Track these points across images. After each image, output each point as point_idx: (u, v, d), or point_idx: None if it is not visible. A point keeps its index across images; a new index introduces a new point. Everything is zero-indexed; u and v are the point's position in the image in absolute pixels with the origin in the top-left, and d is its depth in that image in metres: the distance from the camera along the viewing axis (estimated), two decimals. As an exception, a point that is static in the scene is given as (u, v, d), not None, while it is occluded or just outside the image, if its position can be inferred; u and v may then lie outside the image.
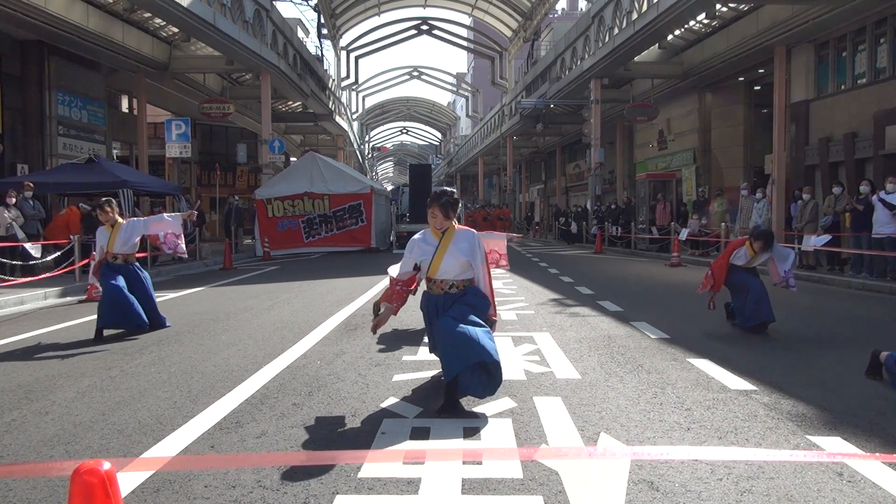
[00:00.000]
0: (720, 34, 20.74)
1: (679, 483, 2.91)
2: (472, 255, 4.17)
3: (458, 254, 4.14)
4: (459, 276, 4.19)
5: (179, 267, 15.11)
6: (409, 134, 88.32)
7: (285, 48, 26.76)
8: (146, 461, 3.20)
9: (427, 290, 4.36)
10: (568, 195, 41.07)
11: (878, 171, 14.69)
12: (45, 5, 15.07)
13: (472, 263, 4.19)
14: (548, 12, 39.32)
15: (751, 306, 6.60)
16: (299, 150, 43.60)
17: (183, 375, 5.04)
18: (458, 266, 4.17)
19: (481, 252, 4.25)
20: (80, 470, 1.62)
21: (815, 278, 12.03)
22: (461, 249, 4.14)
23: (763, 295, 6.61)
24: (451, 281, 4.20)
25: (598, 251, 20.94)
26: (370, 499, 2.79)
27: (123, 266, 7.08)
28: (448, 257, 4.15)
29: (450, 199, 4.17)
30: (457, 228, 4.22)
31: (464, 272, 4.19)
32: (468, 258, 4.15)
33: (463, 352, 3.79)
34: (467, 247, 4.16)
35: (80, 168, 14.84)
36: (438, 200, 4.14)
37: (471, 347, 3.79)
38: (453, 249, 4.14)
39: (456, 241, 4.15)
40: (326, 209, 20.83)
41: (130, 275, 7.07)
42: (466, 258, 4.15)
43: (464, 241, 4.17)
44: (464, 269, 4.19)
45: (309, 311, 8.40)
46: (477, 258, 4.21)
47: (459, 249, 4.14)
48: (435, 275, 4.21)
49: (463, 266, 4.17)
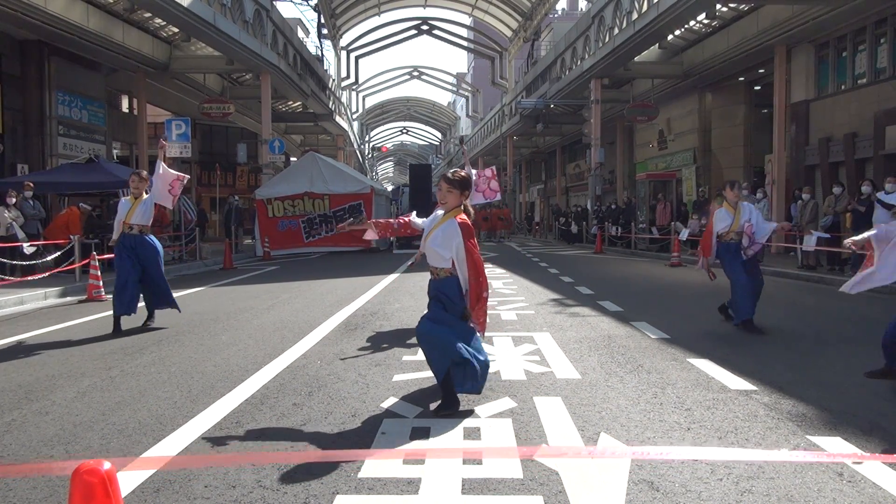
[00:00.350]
0: (720, 34, 20.74)
1: (679, 483, 2.91)
2: (444, 247, 3.98)
3: (439, 239, 4.00)
4: (438, 263, 4.06)
5: (179, 267, 15.12)
6: (409, 134, 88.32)
7: (285, 48, 26.77)
8: (146, 461, 3.20)
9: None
10: (568, 195, 41.07)
11: (879, 171, 14.69)
12: (45, 5, 15.08)
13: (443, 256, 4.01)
14: (548, 12, 39.32)
15: (735, 302, 6.74)
16: (299, 150, 43.61)
17: (183, 375, 5.04)
18: (435, 254, 4.04)
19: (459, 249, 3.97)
20: (80, 470, 1.62)
21: (815, 278, 12.03)
22: (438, 239, 4.00)
23: (746, 292, 6.64)
24: (435, 267, 4.09)
25: (598, 251, 20.93)
26: (370, 499, 2.79)
27: (139, 237, 7.28)
28: (431, 239, 4.04)
29: (452, 176, 4.05)
30: (454, 218, 4.01)
31: (442, 261, 4.04)
32: (439, 249, 4.00)
33: (437, 353, 3.89)
34: (440, 236, 4.00)
35: (80, 168, 14.84)
36: (444, 175, 4.11)
37: (444, 347, 3.86)
38: (437, 234, 4.02)
39: (443, 228, 4.01)
40: (327, 209, 20.82)
41: (144, 249, 7.28)
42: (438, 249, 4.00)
43: (447, 231, 3.99)
44: (442, 259, 4.04)
45: (309, 311, 8.40)
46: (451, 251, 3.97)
47: (440, 237, 4.00)
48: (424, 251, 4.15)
49: (440, 256, 4.03)
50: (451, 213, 4.05)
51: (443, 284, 4.05)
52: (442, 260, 4.03)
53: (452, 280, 4.02)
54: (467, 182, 4.11)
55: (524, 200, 53.00)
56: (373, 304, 8.96)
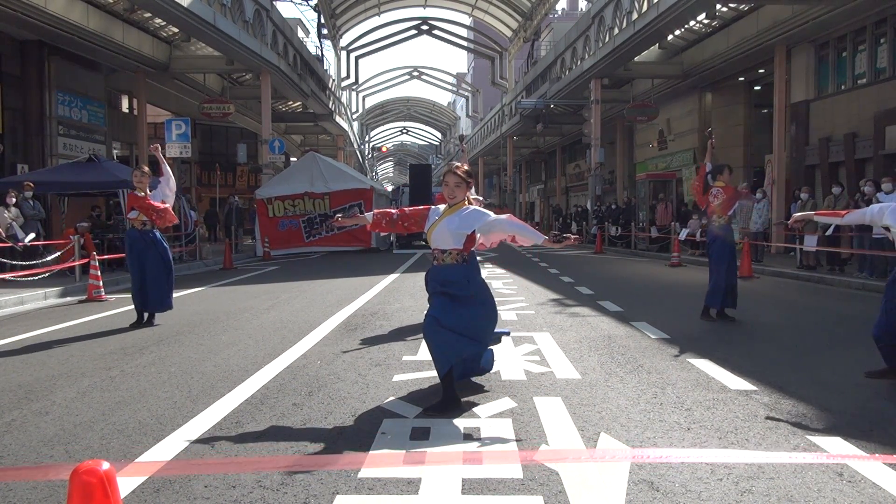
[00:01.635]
0: (720, 34, 20.75)
1: (679, 483, 2.91)
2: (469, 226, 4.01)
3: (456, 223, 4.03)
4: (447, 245, 4.08)
5: (179, 267, 15.10)
6: (409, 134, 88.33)
7: (285, 48, 26.77)
8: (146, 461, 3.20)
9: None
10: (568, 195, 41.09)
11: (878, 171, 14.69)
12: (45, 5, 15.08)
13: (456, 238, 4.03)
14: (548, 12, 39.33)
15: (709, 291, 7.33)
16: (299, 150, 43.61)
17: (183, 375, 5.03)
18: (450, 236, 4.05)
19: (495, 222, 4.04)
20: (80, 470, 1.62)
21: (815, 278, 12.03)
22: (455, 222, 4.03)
23: (719, 287, 7.17)
24: (441, 250, 4.11)
25: (599, 251, 20.94)
26: (370, 499, 2.79)
27: (146, 233, 7.41)
28: (447, 221, 4.06)
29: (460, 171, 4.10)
30: (467, 205, 4.09)
31: (456, 242, 4.06)
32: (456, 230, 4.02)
33: (443, 352, 3.93)
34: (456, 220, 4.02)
35: (81, 168, 14.83)
36: (451, 171, 4.12)
37: (449, 347, 3.91)
38: (454, 218, 4.05)
39: (459, 213, 4.06)
40: (327, 209, 20.84)
41: (146, 248, 7.40)
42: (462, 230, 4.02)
43: (469, 215, 4.04)
44: (457, 240, 4.06)
45: (309, 311, 8.40)
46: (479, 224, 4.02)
47: (457, 220, 4.03)
48: (431, 241, 4.16)
49: (457, 237, 4.05)
50: (462, 204, 4.10)
51: (447, 271, 4.06)
52: (453, 241, 4.04)
53: (458, 267, 4.06)
54: (471, 175, 4.22)
55: (524, 200, 53.00)
56: (373, 304, 8.96)
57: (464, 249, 4.07)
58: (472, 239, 4.09)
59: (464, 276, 4.08)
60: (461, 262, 4.09)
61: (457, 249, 4.06)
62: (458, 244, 4.04)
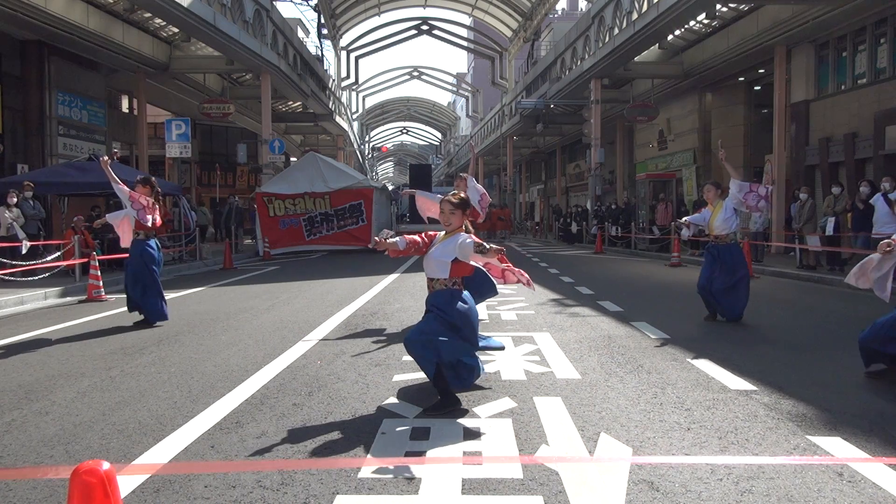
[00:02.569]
0: (720, 34, 20.74)
1: (679, 483, 2.91)
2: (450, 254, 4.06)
3: (438, 250, 4.11)
4: (434, 274, 4.15)
5: (179, 267, 15.12)
6: (409, 134, 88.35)
7: (285, 48, 26.77)
8: (146, 461, 3.20)
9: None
10: (568, 195, 41.07)
11: (878, 171, 14.69)
12: (45, 5, 15.08)
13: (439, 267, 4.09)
14: (548, 12, 39.30)
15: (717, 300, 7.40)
16: (299, 150, 43.62)
17: (183, 375, 5.03)
18: (435, 265, 4.12)
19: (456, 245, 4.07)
20: (80, 470, 1.62)
21: (815, 278, 12.03)
22: (438, 250, 4.11)
23: (720, 293, 7.26)
24: (431, 279, 4.17)
25: (599, 251, 20.94)
26: (370, 499, 2.79)
27: (139, 242, 7.59)
28: (431, 255, 4.13)
29: (454, 199, 4.17)
30: (459, 233, 4.14)
31: (438, 273, 4.14)
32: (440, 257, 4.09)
33: (422, 355, 3.96)
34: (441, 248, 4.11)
35: (81, 168, 14.82)
36: (446, 199, 4.22)
37: (428, 347, 3.93)
38: (440, 247, 4.12)
39: (446, 242, 4.13)
40: (328, 207, 20.85)
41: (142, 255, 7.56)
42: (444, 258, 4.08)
43: (449, 244, 4.11)
44: (442, 269, 4.13)
45: (309, 311, 8.40)
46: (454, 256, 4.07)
47: (440, 249, 4.11)
48: (425, 270, 4.23)
49: (441, 265, 4.11)
50: (456, 230, 4.16)
51: (436, 296, 4.12)
52: (438, 271, 4.11)
53: (445, 292, 4.11)
54: (467, 203, 4.29)
55: (524, 200, 53.01)
56: (373, 304, 8.96)
57: (449, 278, 4.11)
58: (457, 267, 4.11)
59: (446, 301, 4.07)
60: (447, 287, 4.11)
61: (442, 279, 4.11)
62: (444, 273, 4.09)
